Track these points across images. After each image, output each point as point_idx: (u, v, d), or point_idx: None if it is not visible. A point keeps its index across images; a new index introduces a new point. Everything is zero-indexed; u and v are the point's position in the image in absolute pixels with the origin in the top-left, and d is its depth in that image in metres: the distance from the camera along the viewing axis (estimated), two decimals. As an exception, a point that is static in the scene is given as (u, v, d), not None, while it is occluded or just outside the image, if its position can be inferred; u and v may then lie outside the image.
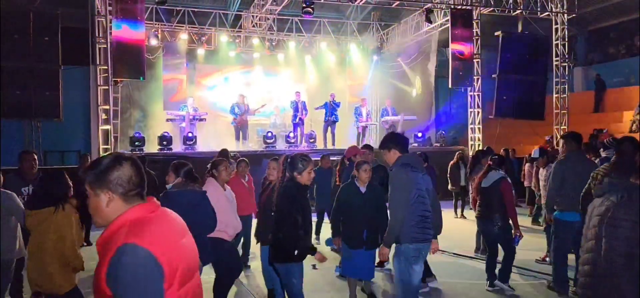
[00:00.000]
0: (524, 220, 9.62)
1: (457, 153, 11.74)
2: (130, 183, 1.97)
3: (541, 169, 8.90)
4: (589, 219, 3.00)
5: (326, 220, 8.15)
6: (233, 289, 6.43)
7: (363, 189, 5.38)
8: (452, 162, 11.40)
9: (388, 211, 4.41)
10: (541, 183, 8.72)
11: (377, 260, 5.64)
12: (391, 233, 4.20)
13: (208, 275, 6.83)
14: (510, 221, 6.04)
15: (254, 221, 6.17)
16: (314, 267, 7.05)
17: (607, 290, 2.82)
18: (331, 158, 9.65)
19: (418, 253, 4.22)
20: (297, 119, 14.99)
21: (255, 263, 7.00)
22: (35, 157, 6.28)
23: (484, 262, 6.39)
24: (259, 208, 5.70)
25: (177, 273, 1.94)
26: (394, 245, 4.27)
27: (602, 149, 7.89)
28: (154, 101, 15.67)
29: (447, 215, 8.16)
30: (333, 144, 15.01)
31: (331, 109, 15.15)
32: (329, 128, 15.23)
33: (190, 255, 2.08)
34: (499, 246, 6.21)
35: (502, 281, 6.13)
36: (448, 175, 11.25)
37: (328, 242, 7.07)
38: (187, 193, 4.52)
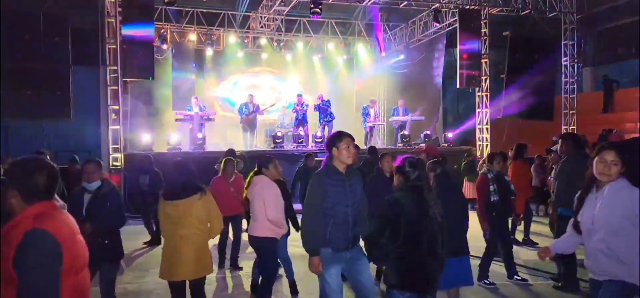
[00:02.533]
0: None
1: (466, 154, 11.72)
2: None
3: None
4: None
5: None
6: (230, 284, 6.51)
7: None
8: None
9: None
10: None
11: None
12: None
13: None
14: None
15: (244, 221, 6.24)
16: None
17: None
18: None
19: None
20: (297, 122, 15.00)
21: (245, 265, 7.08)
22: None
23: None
24: None
25: (74, 262, 2.29)
26: None
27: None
28: (163, 101, 15.75)
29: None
30: None
31: (322, 110, 15.15)
32: (326, 128, 15.23)
33: (84, 249, 2.43)
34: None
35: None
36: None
37: None
38: None
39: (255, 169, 5.37)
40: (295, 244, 6.63)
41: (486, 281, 6.29)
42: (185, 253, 4.18)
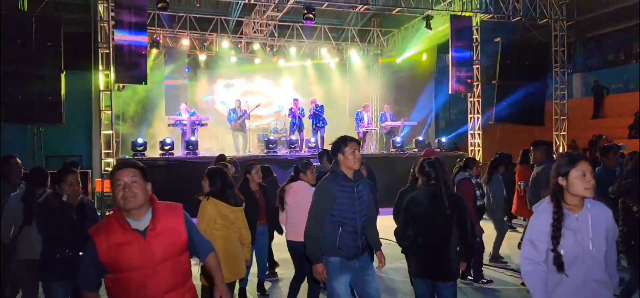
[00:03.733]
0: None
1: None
2: None
3: None
4: None
5: None
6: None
7: None
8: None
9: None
10: None
11: None
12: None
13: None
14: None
15: None
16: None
17: None
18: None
19: None
20: (295, 127, 15.02)
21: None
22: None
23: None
24: None
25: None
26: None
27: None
28: (156, 106, 15.73)
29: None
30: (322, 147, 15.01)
31: (316, 116, 15.19)
32: (318, 133, 15.25)
33: None
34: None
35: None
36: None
37: None
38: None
39: (293, 174, 5.38)
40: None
41: (483, 280, 6.37)
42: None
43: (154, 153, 13.39)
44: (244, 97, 15.74)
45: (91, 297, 2.66)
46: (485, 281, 6.40)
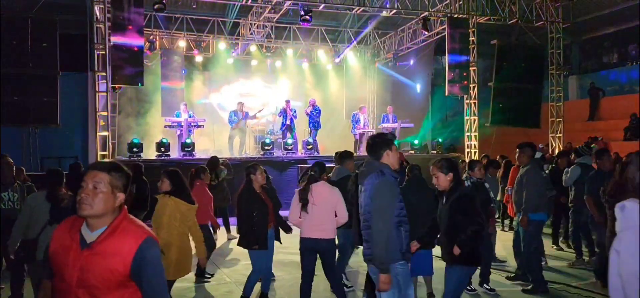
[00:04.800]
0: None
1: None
2: None
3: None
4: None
5: None
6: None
7: None
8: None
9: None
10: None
11: None
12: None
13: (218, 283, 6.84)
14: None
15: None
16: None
17: None
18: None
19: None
20: (285, 127, 15.01)
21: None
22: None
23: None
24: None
25: None
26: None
27: (573, 156, 8.10)
28: (152, 108, 15.69)
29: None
30: (317, 150, 15.02)
31: (312, 117, 15.20)
32: (311, 133, 15.26)
33: None
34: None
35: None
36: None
37: None
38: None
39: (312, 174, 5.42)
40: (284, 252, 6.67)
41: (486, 286, 6.34)
42: None
43: (150, 154, 13.36)
44: (240, 99, 15.69)
45: (47, 285, 2.45)
46: (488, 288, 6.35)
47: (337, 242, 5.56)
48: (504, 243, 8.48)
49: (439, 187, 4.41)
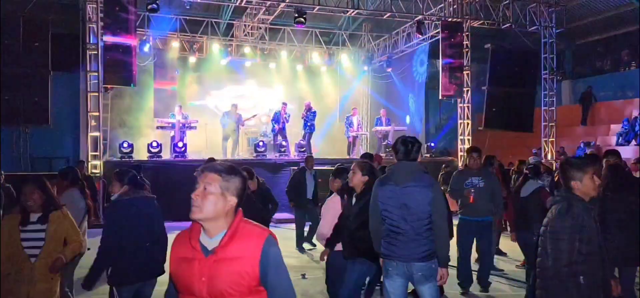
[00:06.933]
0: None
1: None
2: None
3: None
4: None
5: None
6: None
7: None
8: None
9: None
10: None
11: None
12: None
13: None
14: None
15: None
16: (303, 276, 7.05)
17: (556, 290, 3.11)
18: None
19: (386, 268, 4.05)
20: (277, 130, 14.94)
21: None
22: None
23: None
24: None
25: None
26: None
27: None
28: (144, 109, 15.60)
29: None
30: (311, 153, 14.97)
31: (307, 119, 15.16)
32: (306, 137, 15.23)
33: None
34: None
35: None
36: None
37: None
38: (137, 201, 4.32)
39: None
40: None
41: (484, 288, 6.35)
42: None
43: (141, 155, 13.26)
44: (233, 101, 15.63)
45: None
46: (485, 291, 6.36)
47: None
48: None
49: (351, 183, 4.55)
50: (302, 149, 14.43)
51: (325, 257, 4.88)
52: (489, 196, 6.31)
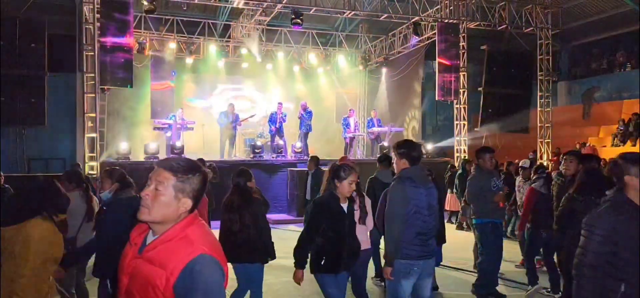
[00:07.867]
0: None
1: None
2: None
3: None
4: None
5: None
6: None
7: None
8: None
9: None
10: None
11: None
12: (388, 249, 4.07)
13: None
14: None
15: None
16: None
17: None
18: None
19: (409, 269, 4.04)
20: (274, 131, 14.93)
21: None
22: None
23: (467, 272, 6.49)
24: None
25: None
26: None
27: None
28: (141, 110, 15.59)
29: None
30: (307, 154, 14.99)
31: (303, 120, 15.19)
32: (303, 138, 15.25)
33: None
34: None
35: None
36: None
37: None
38: (133, 201, 4.12)
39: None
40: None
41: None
42: None
43: (138, 156, 13.25)
44: (230, 101, 15.63)
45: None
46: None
47: None
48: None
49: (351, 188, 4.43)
50: (299, 151, 14.41)
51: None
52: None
